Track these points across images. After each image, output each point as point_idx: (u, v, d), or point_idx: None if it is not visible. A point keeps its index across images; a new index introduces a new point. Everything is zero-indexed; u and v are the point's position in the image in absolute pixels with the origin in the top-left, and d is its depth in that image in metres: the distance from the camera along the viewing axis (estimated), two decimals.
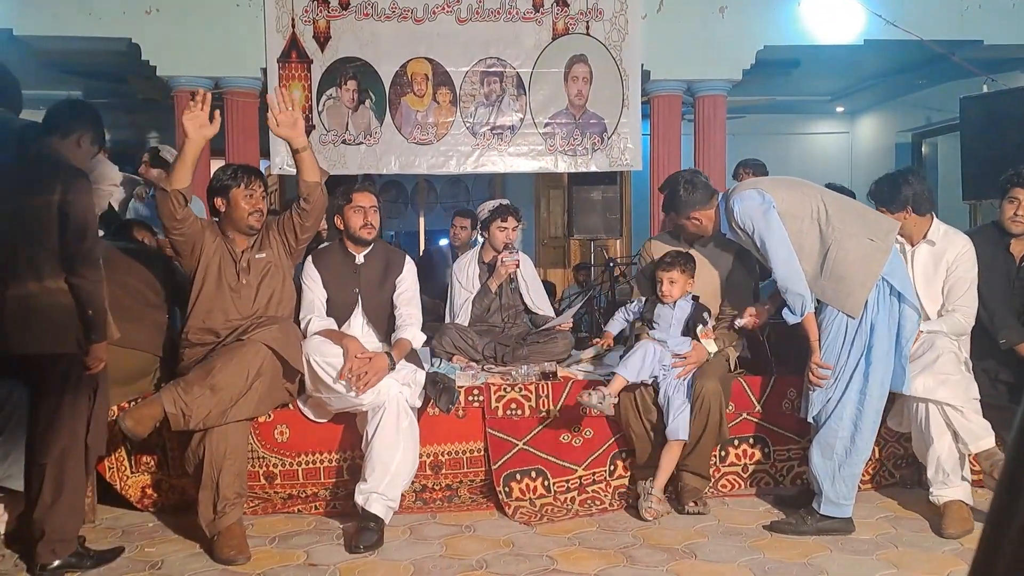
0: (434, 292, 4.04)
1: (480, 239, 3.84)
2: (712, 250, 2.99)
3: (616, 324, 3.02)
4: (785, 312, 2.60)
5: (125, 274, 2.78)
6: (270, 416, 2.80)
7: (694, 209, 2.80)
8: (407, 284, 2.97)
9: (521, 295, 3.68)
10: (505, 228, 3.57)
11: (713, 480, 2.96)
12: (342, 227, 2.92)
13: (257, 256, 2.72)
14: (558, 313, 3.88)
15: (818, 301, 2.59)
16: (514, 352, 3.37)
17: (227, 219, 2.72)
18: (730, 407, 2.88)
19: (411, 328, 2.85)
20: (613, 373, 2.81)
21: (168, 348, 2.82)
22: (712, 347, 2.78)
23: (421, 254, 5.80)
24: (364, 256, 2.95)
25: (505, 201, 3.72)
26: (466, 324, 3.53)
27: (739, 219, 2.62)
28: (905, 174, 2.89)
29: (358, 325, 2.93)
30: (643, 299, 2.94)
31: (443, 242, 5.89)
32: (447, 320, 3.68)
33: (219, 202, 2.71)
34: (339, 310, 2.89)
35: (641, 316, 2.94)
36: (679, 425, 2.69)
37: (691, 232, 2.91)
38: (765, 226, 2.55)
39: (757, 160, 4.36)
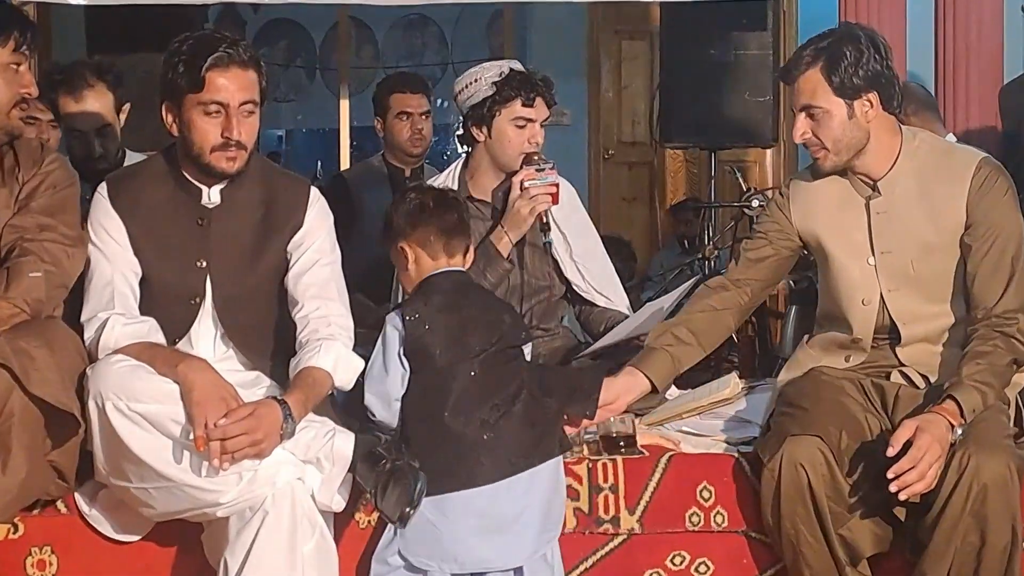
0: (359, 265, 3.81)
1: (465, 149, 3.93)
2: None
3: None
4: None
5: None
6: (17, 529, 2.90)
7: None
8: (316, 248, 3.07)
9: (560, 266, 3.74)
10: (529, 121, 3.60)
11: None
12: (177, 131, 2.97)
13: None
14: (637, 306, 3.98)
15: None
16: None
17: None
18: None
19: (330, 346, 2.91)
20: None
21: None
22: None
23: (331, 180, 6.05)
24: (220, 192, 3.02)
25: (517, 64, 3.79)
26: None
27: None
28: None
29: (208, 338, 3.03)
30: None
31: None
32: None
33: None
34: (169, 304, 2.99)
35: None
36: None
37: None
38: None
39: None
